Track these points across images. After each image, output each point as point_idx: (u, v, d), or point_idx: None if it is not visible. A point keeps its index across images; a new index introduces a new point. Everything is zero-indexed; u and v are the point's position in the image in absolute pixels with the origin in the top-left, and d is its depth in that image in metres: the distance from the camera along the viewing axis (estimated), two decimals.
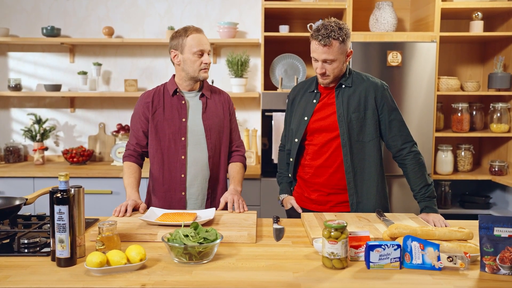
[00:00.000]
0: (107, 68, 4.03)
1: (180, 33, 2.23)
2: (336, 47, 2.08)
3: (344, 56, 2.13)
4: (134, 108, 2.35)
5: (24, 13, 3.97)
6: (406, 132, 2.20)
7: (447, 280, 1.40)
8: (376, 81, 2.22)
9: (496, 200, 3.83)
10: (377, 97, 2.17)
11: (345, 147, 2.16)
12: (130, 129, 2.35)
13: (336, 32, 2.06)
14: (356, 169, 2.17)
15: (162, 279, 1.39)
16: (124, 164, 2.32)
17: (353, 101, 2.17)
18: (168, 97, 2.30)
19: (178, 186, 2.27)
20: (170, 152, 2.26)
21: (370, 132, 2.16)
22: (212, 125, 2.30)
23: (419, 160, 2.17)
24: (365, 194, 2.18)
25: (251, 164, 3.84)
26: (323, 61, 2.11)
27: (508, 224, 1.45)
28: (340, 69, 2.15)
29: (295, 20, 3.98)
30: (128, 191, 2.21)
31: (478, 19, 3.66)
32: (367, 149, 2.17)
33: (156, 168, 2.29)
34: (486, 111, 3.87)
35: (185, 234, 1.55)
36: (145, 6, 3.98)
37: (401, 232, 1.60)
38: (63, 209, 1.46)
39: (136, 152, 2.32)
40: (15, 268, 1.47)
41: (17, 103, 4.06)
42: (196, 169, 2.27)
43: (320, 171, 2.22)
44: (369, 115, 2.16)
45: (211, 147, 2.29)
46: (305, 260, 1.57)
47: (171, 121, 2.26)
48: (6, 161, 3.90)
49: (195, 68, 2.22)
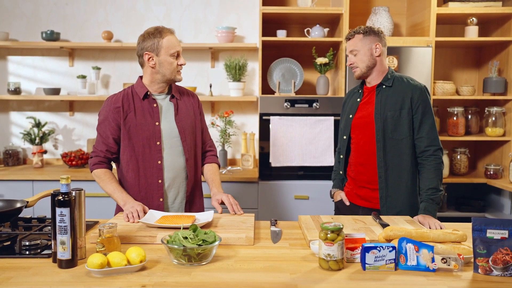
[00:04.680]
0: (106, 72, 4.06)
1: (154, 35, 2.16)
2: (358, 39, 2.31)
3: (370, 48, 2.30)
4: (101, 113, 2.24)
5: (24, 17, 4.00)
6: (434, 136, 2.27)
7: (441, 281, 1.43)
8: (415, 84, 2.31)
9: (491, 203, 3.87)
10: (414, 98, 2.26)
11: (379, 143, 2.27)
12: (98, 135, 2.23)
13: (361, 28, 2.33)
14: (388, 165, 2.27)
15: (162, 280, 1.41)
16: (97, 172, 2.20)
17: (391, 100, 2.29)
18: (138, 101, 2.22)
19: (155, 192, 2.22)
20: (145, 157, 2.20)
21: (404, 131, 2.26)
22: (186, 127, 2.26)
23: (438, 165, 2.24)
24: (395, 190, 2.27)
25: (248, 167, 3.87)
26: (350, 53, 2.35)
27: (501, 227, 1.48)
28: (368, 59, 2.31)
29: (293, 25, 4.02)
30: (119, 196, 2.13)
31: (473, 24, 3.70)
32: (400, 146, 2.26)
33: (131, 175, 2.21)
34: (481, 115, 3.91)
35: (184, 236, 1.57)
36: (143, 11, 4.01)
37: (396, 234, 1.63)
38: (64, 212, 1.48)
39: (107, 158, 2.23)
40: (17, 269, 1.49)
41: (17, 106, 4.08)
42: (173, 173, 2.24)
43: (363, 168, 2.34)
44: (404, 114, 2.26)
45: (187, 149, 2.25)
46: (302, 262, 1.59)
47: (144, 125, 2.19)
48: (5, 164, 3.92)
49: (172, 70, 2.18)
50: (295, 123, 3.52)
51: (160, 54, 2.16)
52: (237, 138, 4.08)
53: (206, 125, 2.46)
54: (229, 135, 3.89)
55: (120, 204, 2.12)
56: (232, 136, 3.97)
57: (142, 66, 2.24)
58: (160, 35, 2.16)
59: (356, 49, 2.31)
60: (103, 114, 2.23)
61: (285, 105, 3.53)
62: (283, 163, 3.54)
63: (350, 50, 2.34)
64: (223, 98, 3.85)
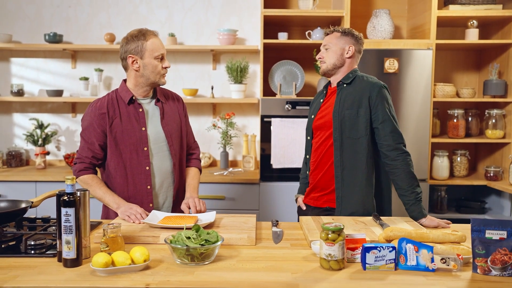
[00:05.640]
0: (108, 74, 4.09)
1: (138, 37, 2.11)
2: (334, 36, 2.32)
3: (342, 48, 2.30)
4: (84, 119, 2.18)
5: (27, 20, 4.03)
6: (398, 133, 2.21)
7: (440, 281, 1.45)
8: (374, 82, 2.27)
9: (491, 205, 3.89)
10: (372, 97, 2.22)
11: (336, 142, 2.25)
12: (83, 140, 2.18)
13: (341, 28, 2.35)
14: (345, 164, 2.24)
15: (166, 279, 1.44)
16: (83, 178, 2.16)
17: (349, 99, 2.25)
18: (124, 106, 2.17)
19: (145, 198, 2.19)
20: (133, 164, 2.16)
21: (361, 130, 2.22)
22: (172, 131, 2.24)
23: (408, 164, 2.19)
24: (350, 190, 2.24)
25: (250, 169, 3.89)
26: (323, 47, 2.35)
27: (499, 227, 1.50)
28: (337, 58, 2.30)
29: (294, 28, 4.05)
30: (110, 199, 2.11)
31: (474, 27, 3.73)
32: (356, 146, 2.23)
33: (120, 182, 2.18)
34: (481, 117, 3.93)
35: (187, 236, 1.60)
36: (146, 13, 4.04)
37: (396, 235, 1.65)
38: (69, 212, 1.51)
39: (92, 164, 2.19)
40: (23, 268, 1.51)
41: (20, 108, 4.11)
42: (161, 178, 2.22)
43: (319, 168, 2.32)
44: (361, 113, 2.22)
45: (174, 153, 2.23)
46: (303, 262, 1.62)
47: (131, 131, 2.15)
48: (8, 165, 3.94)
49: (157, 74, 2.14)
50: (296, 125, 3.54)
51: (144, 57, 2.11)
52: (239, 139, 4.10)
53: (191, 127, 2.45)
54: (231, 136, 3.91)
55: (113, 207, 2.10)
56: (234, 137, 4.00)
57: (126, 70, 2.19)
58: (144, 37, 2.11)
59: (329, 45, 2.30)
60: (87, 120, 2.17)
61: (286, 107, 3.56)
62: (284, 164, 3.56)
63: (324, 45, 2.34)
64: (225, 100, 3.88)
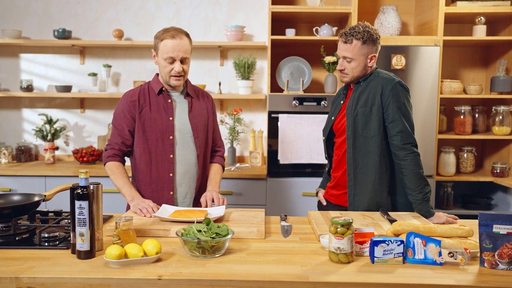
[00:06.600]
0: (117, 69, 4.12)
1: (158, 36, 2.20)
2: (356, 47, 2.18)
3: (365, 58, 2.20)
4: (117, 107, 2.30)
5: (36, 16, 4.06)
6: (408, 133, 2.15)
7: (448, 274, 1.47)
8: (389, 78, 2.20)
9: (497, 201, 3.89)
10: (384, 94, 2.16)
11: (349, 140, 2.22)
12: (114, 128, 2.28)
13: (360, 33, 2.17)
14: (358, 162, 2.23)
15: (178, 271, 1.46)
16: (110, 164, 2.25)
17: (363, 96, 2.21)
18: (154, 96, 2.27)
19: (166, 185, 2.26)
20: (158, 150, 2.24)
21: (374, 128, 2.19)
22: (199, 124, 2.31)
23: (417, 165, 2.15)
24: (362, 188, 2.23)
25: (257, 164, 3.91)
26: (343, 58, 2.22)
27: (507, 222, 1.51)
28: (360, 70, 2.22)
29: (301, 24, 4.06)
30: (127, 191, 2.17)
31: (481, 23, 3.72)
32: (369, 144, 2.20)
33: (143, 168, 2.26)
34: (488, 114, 3.93)
35: (198, 230, 1.63)
36: (153, 9, 4.07)
37: (405, 229, 1.67)
38: (83, 204, 1.54)
39: (121, 151, 2.27)
40: (38, 259, 1.55)
41: (29, 103, 4.15)
42: (185, 168, 2.28)
43: (339, 167, 2.32)
44: (374, 111, 2.18)
45: (198, 146, 2.30)
46: (312, 255, 1.64)
47: (159, 119, 2.24)
48: (18, 160, 3.99)
49: (165, 74, 2.21)
50: (304, 121, 3.56)
51: (158, 55, 2.22)
52: (246, 135, 4.13)
53: (218, 126, 2.52)
54: (238, 132, 3.93)
55: (127, 199, 2.17)
56: (241, 133, 4.02)
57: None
58: (161, 37, 2.18)
59: (351, 57, 2.19)
60: (119, 107, 2.28)
61: (293, 103, 3.57)
62: (291, 160, 3.58)
63: (344, 56, 2.21)
64: (232, 96, 3.90)
